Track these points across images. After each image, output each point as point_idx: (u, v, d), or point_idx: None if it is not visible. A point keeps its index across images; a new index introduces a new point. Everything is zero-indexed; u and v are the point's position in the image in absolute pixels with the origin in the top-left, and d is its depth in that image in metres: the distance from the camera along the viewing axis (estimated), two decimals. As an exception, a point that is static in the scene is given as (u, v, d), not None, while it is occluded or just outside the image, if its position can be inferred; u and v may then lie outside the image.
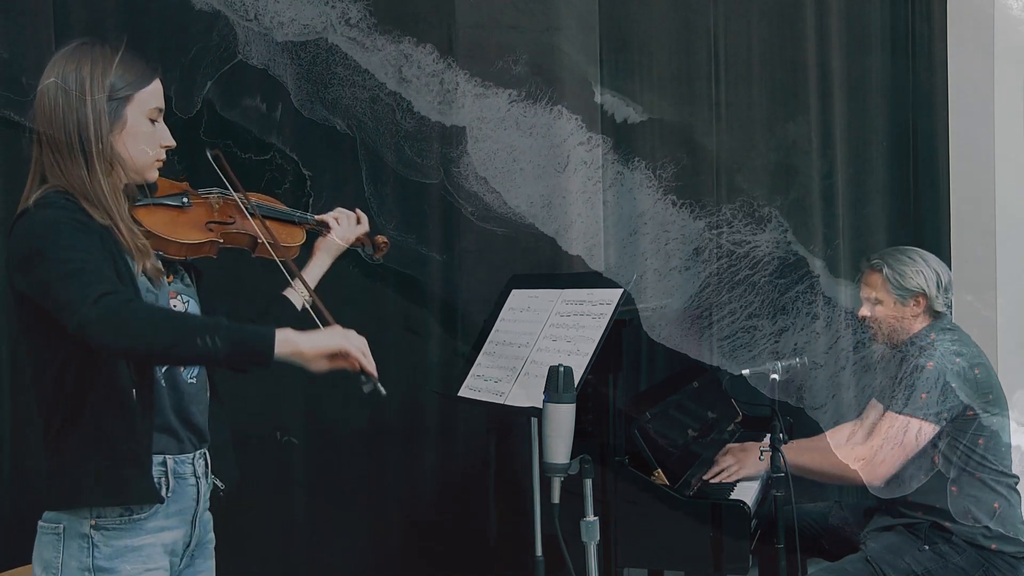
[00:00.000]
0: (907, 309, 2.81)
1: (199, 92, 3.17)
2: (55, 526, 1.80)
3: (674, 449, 2.93)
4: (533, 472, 2.46)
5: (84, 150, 1.77)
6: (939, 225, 3.63)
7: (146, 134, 1.85)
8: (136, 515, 1.81)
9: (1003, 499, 2.72)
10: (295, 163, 3.26)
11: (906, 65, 3.64)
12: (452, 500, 3.46)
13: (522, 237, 3.37)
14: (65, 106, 1.78)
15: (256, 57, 3.00)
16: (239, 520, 3.24)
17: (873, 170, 3.67)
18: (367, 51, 3.08)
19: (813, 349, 3.40)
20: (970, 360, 2.72)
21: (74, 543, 1.79)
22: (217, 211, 1.97)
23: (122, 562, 1.80)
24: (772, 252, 3.42)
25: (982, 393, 2.71)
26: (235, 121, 3.21)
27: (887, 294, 2.82)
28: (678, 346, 2.83)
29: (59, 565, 1.79)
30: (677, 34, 3.56)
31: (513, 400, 2.52)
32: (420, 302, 3.41)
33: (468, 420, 3.45)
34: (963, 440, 2.71)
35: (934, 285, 2.79)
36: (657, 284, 3.30)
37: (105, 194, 1.78)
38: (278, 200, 2.21)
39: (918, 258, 2.83)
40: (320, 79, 3.21)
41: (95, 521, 1.79)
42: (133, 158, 1.83)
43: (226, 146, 3.18)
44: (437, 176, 3.33)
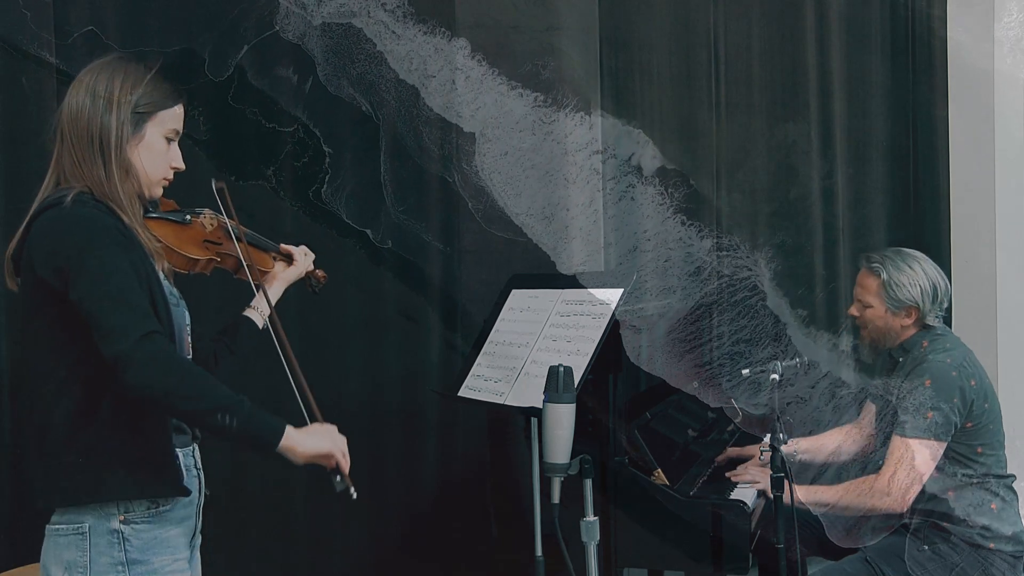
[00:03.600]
0: (898, 320, 2.78)
1: (233, 57, 3.17)
2: (77, 526, 1.82)
3: (674, 449, 2.93)
4: (533, 472, 2.46)
5: (103, 154, 1.87)
6: (939, 225, 3.62)
7: (160, 151, 1.95)
8: (162, 507, 1.86)
9: (1000, 499, 2.72)
10: (317, 139, 3.26)
11: (906, 65, 3.64)
12: (452, 500, 3.46)
13: (524, 238, 3.37)
14: (91, 109, 1.89)
15: (292, 31, 2.99)
16: (239, 520, 3.25)
17: (873, 170, 3.66)
18: (399, 40, 3.06)
19: (798, 382, 3.38)
20: (965, 371, 2.69)
21: (102, 540, 1.81)
22: (209, 231, 2.10)
23: (152, 554, 1.84)
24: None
25: (979, 404, 2.69)
26: (264, 90, 3.22)
27: (880, 301, 2.78)
28: (653, 368, 2.80)
29: (86, 564, 1.81)
30: (677, 34, 3.56)
31: (513, 400, 2.52)
32: (420, 290, 3.43)
33: (468, 420, 3.45)
34: (963, 451, 2.70)
35: (929, 299, 2.74)
36: (651, 302, 3.29)
37: (123, 197, 1.88)
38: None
39: (918, 268, 2.77)
40: (349, 55, 3.20)
41: (123, 516, 1.82)
42: (145, 171, 1.93)
43: (251, 114, 3.23)
44: (450, 168, 3.33)
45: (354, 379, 3.44)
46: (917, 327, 2.79)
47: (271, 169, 3.29)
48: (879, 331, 2.82)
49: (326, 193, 3.24)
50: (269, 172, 3.29)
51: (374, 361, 3.44)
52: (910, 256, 2.82)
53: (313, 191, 3.25)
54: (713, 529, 2.62)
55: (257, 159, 3.29)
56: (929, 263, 2.81)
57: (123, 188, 1.88)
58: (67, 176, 1.89)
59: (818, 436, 3.09)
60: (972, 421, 2.69)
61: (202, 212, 2.11)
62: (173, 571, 1.88)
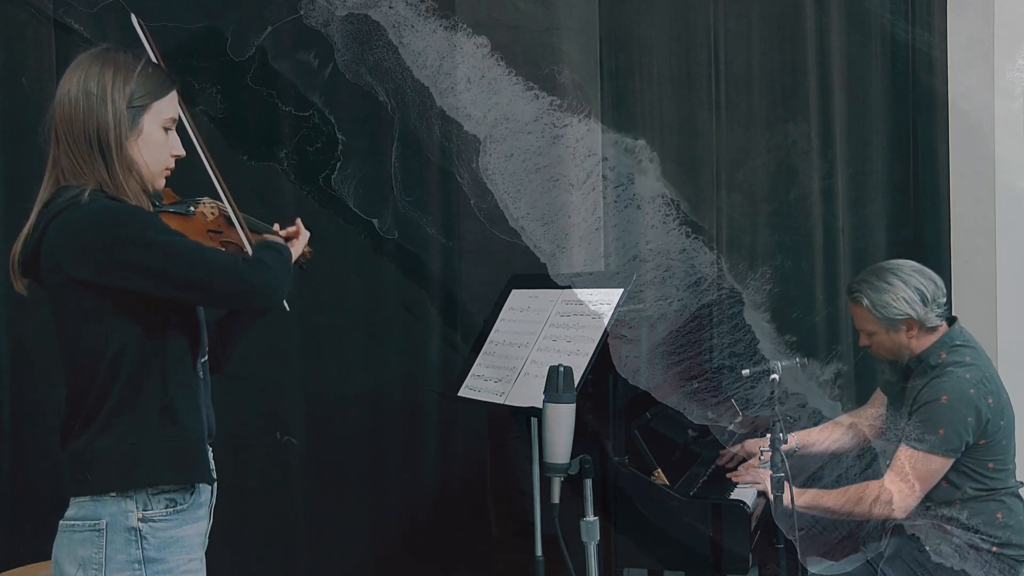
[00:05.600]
0: (900, 335, 2.74)
1: (256, 38, 3.18)
2: (94, 523, 1.81)
3: (674, 449, 2.93)
4: (533, 472, 2.46)
5: (104, 154, 1.83)
6: (939, 225, 3.62)
7: (160, 142, 1.91)
8: (180, 505, 1.86)
9: (1005, 508, 2.70)
10: (332, 126, 3.27)
11: (906, 65, 3.64)
12: (452, 500, 3.46)
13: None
14: (86, 109, 1.83)
15: (315, 18, 3.00)
16: (239, 520, 3.25)
17: (873, 170, 3.66)
18: (417, 33, 3.05)
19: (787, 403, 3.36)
20: (984, 388, 2.65)
21: (119, 537, 1.80)
22: (211, 220, 2.04)
23: (169, 553, 1.84)
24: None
25: (995, 422, 2.65)
26: (283, 73, 3.23)
27: (876, 325, 2.75)
28: (637, 380, 2.80)
29: (102, 560, 1.80)
30: (677, 34, 3.56)
31: (513, 400, 2.52)
32: (422, 284, 3.43)
33: (468, 420, 3.45)
34: (974, 466, 2.67)
35: (920, 306, 2.69)
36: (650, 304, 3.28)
37: (129, 194, 1.84)
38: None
39: (896, 281, 2.71)
40: (369, 43, 3.18)
41: (142, 514, 1.81)
42: (147, 164, 1.89)
43: (268, 96, 3.24)
44: (458, 164, 3.33)
45: (354, 378, 3.44)
46: (925, 333, 2.74)
47: (284, 152, 3.30)
48: (891, 352, 2.79)
49: (336, 180, 3.26)
50: (281, 154, 3.30)
51: (374, 360, 3.44)
52: (886, 271, 2.76)
53: (323, 177, 3.27)
54: (713, 529, 2.61)
55: (271, 141, 3.30)
56: (907, 271, 2.74)
57: (128, 186, 1.84)
58: (67, 176, 1.84)
59: (817, 429, 3.08)
60: (986, 439, 2.65)
61: (201, 201, 2.06)
62: (188, 571, 1.88)
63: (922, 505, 2.70)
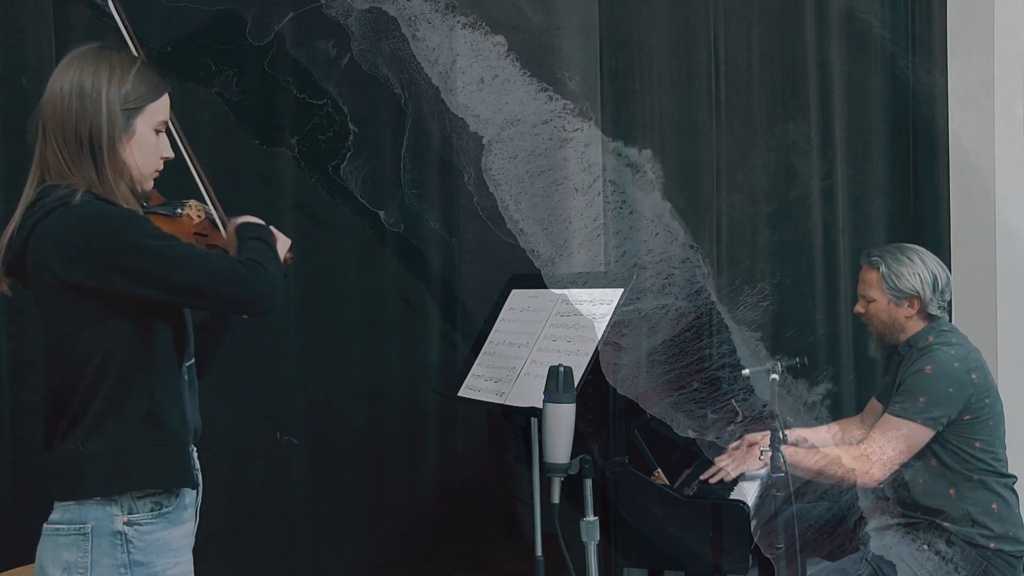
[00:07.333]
0: (901, 310, 2.81)
1: (276, 24, 3.20)
2: (79, 527, 1.79)
3: (674, 449, 2.93)
4: (533, 472, 2.46)
5: (95, 156, 1.79)
6: (939, 225, 3.62)
7: (151, 145, 1.88)
8: (165, 508, 1.84)
9: (1001, 500, 2.72)
10: (344, 116, 3.28)
11: (906, 65, 3.64)
12: (452, 500, 3.46)
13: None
14: (79, 108, 1.79)
15: (336, 8, 3.00)
16: (239, 520, 3.25)
17: (873, 170, 3.66)
18: (434, 29, 3.04)
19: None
20: (968, 365, 2.73)
21: (105, 541, 1.79)
22: (197, 223, 2.02)
23: (155, 556, 1.82)
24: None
25: (979, 398, 2.71)
26: (300, 61, 3.25)
27: (882, 293, 2.82)
28: (625, 389, 2.80)
29: (87, 565, 1.78)
30: (677, 34, 3.56)
31: (513, 400, 2.52)
32: (423, 280, 3.43)
33: (468, 420, 3.45)
34: (960, 443, 2.71)
35: (930, 288, 2.78)
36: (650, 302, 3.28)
37: (118, 196, 1.81)
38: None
39: (916, 259, 2.82)
40: (386, 34, 3.19)
41: (127, 517, 1.79)
42: (138, 167, 1.86)
43: (284, 82, 3.26)
44: (465, 162, 3.33)
45: (354, 378, 3.44)
46: (921, 318, 2.81)
47: (296, 139, 3.32)
48: (884, 324, 2.85)
49: (345, 170, 3.27)
50: (293, 141, 3.32)
51: (374, 360, 3.44)
52: (909, 249, 2.87)
53: (333, 166, 3.29)
54: (713, 529, 2.61)
55: (283, 127, 3.32)
56: (928, 255, 2.85)
57: (118, 188, 1.80)
58: (53, 175, 1.80)
59: (818, 428, 3.09)
60: (970, 414, 2.70)
61: (187, 204, 2.04)
62: (175, 574, 1.86)
63: (917, 493, 2.73)
